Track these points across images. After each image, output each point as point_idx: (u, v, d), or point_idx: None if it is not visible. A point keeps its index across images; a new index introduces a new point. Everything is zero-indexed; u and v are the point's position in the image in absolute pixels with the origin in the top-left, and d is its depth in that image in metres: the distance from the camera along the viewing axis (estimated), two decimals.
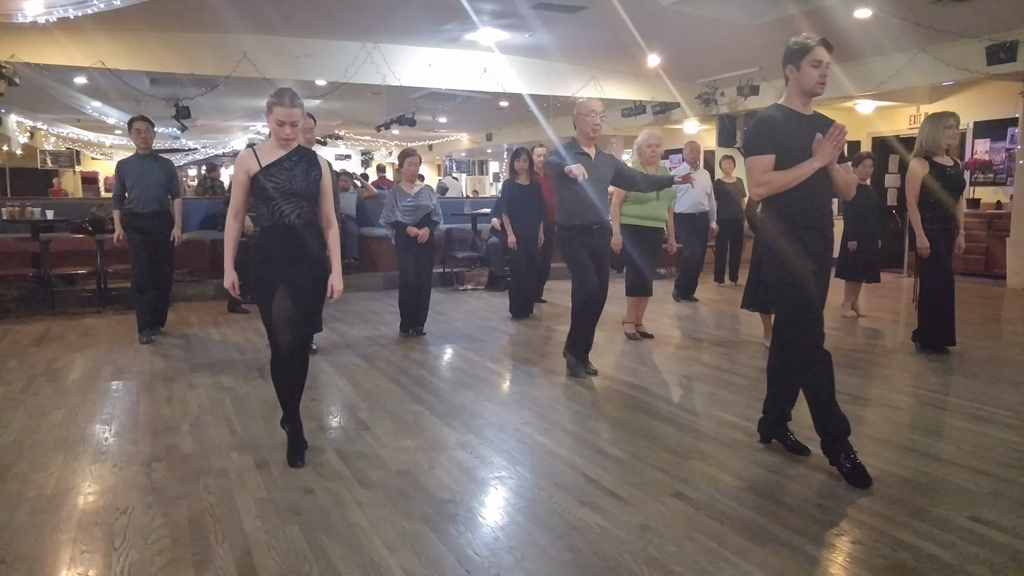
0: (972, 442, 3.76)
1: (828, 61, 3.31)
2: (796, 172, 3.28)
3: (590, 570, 2.51)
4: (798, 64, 3.32)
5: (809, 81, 3.31)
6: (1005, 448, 3.66)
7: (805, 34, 3.36)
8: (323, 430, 3.97)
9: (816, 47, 3.29)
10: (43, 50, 8.49)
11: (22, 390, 4.74)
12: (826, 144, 3.24)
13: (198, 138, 18.86)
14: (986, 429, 3.95)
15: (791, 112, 3.38)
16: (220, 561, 2.58)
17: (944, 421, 4.12)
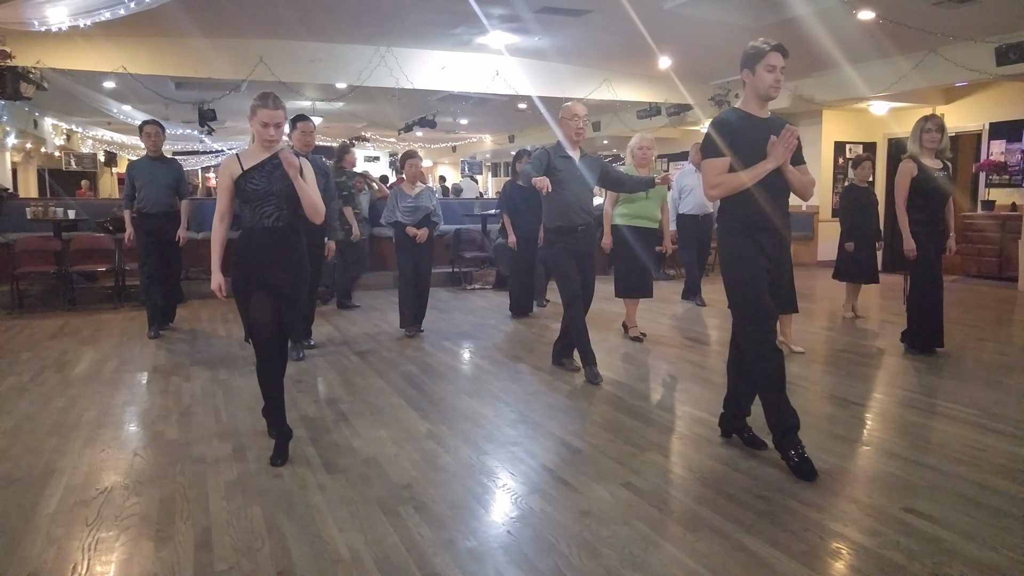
0: (929, 439, 3.83)
1: (783, 66, 3.39)
2: (749, 174, 3.37)
3: (523, 550, 2.65)
4: (753, 68, 3.40)
5: (763, 85, 3.38)
6: (960, 444, 3.72)
7: (762, 39, 3.43)
8: (303, 420, 4.16)
9: (771, 52, 3.37)
10: (66, 56, 8.86)
11: (30, 380, 5.02)
12: (778, 146, 3.34)
13: (226, 139, 19.31)
14: (948, 427, 4.01)
15: (747, 115, 3.46)
16: (180, 537, 2.77)
17: (908, 419, 4.18)
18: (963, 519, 2.87)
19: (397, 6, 8.57)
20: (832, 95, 11.36)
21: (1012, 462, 3.49)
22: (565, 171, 4.98)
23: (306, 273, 3.71)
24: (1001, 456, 3.57)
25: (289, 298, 3.59)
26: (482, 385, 4.89)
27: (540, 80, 11.23)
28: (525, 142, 20.51)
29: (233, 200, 3.61)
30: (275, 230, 3.56)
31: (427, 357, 5.72)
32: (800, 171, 3.54)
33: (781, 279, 3.58)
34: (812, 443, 3.69)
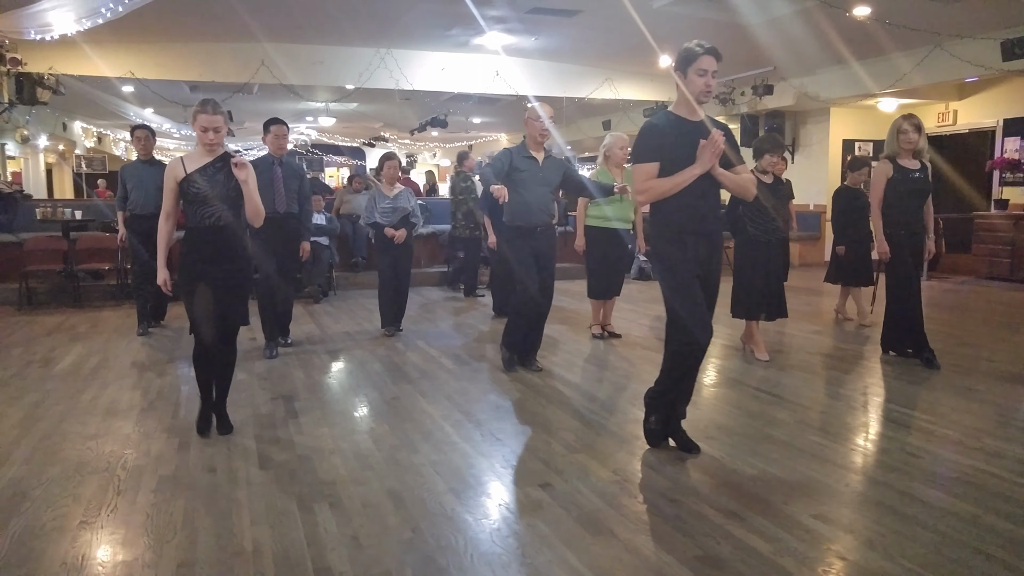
0: (870, 445, 3.80)
1: (715, 70, 3.37)
2: (676, 179, 3.35)
3: (421, 548, 2.72)
4: (685, 71, 3.38)
5: (694, 89, 3.36)
6: (900, 452, 3.68)
7: (696, 41, 3.39)
8: (255, 417, 4.28)
9: (703, 55, 3.33)
10: (77, 62, 9.16)
11: (13, 375, 5.23)
12: (704, 152, 3.31)
13: (246, 140, 19.70)
14: (894, 433, 3.97)
15: (677, 119, 3.44)
16: (100, 528, 2.89)
17: (855, 424, 4.14)
18: (872, 527, 2.86)
19: (392, 8, 8.69)
20: (838, 92, 11.20)
21: (949, 470, 3.45)
22: (527, 172, 5.04)
23: (248, 269, 3.89)
24: (938, 464, 3.52)
25: (231, 292, 3.78)
26: (439, 385, 4.96)
27: (541, 80, 11.26)
28: None
29: (178, 201, 3.76)
30: (215, 229, 3.73)
31: (396, 356, 5.80)
32: (737, 172, 3.52)
33: (711, 282, 3.53)
34: (748, 448, 3.71)
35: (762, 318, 5.71)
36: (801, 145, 12.86)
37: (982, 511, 2.97)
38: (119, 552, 2.71)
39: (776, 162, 5.64)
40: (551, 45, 10.21)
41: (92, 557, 2.67)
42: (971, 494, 3.14)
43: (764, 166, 5.62)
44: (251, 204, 3.79)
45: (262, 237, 5.71)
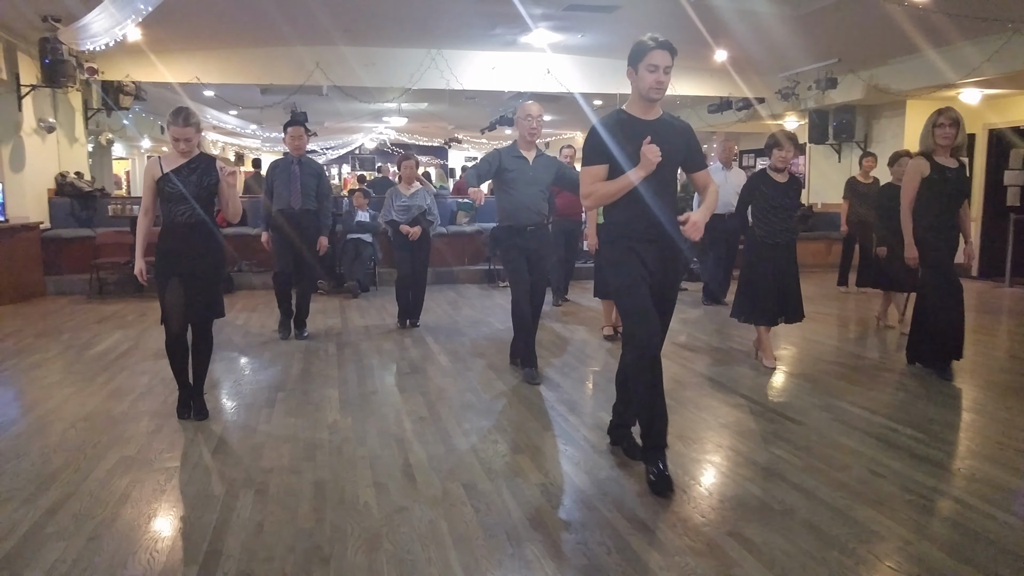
0: (833, 460, 3.57)
1: (668, 66, 3.18)
2: (618, 184, 3.18)
3: (315, 538, 2.79)
4: (636, 67, 3.21)
5: (644, 86, 3.18)
6: (862, 468, 3.45)
7: (649, 35, 3.21)
8: (237, 405, 4.49)
9: (653, 50, 3.15)
10: (148, 70, 9.79)
11: (50, 357, 5.70)
12: (645, 155, 3.10)
13: (326, 140, 20.47)
14: (868, 449, 3.71)
15: (629, 118, 3.26)
16: (40, 501, 3.12)
17: (831, 438, 3.89)
18: (784, 546, 2.71)
19: (435, 10, 8.81)
20: (912, 83, 10.45)
21: (902, 490, 3.21)
22: (516, 171, 5.01)
23: (219, 264, 4.10)
24: (895, 484, 3.28)
25: (202, 286, 3.99)
26: (423, 381, 5.03)
27: (592, 76, 11.13)
28: None
29: (155, 198, 4.00)
30: (188, 225, 3.95)
31: (397, 351, 5.91)
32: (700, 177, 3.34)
33: (664, 291, 3.32)
34: (701, 459, 3.58)
35: (779, 322, 5.44)
36: (874, 141, 12.12)
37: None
38: (46, 525, 2.91)
39: (784, 156, 5.33)
40: (599, 42, 10.06)
41: (20, 528, 2.88)
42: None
43: (775, 162, 5.33)
44: (232, 204, 4.08)
45: (280, 233, 6.00)
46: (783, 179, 5.32)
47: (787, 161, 5.29)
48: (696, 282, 9.96)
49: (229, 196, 4.06)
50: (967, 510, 3.01)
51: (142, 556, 2.68)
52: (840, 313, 7.83)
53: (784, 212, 5.29)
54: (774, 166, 5.34)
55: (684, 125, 3.38)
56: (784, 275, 5.32)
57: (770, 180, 5.28)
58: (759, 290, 5.31)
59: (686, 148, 3.33)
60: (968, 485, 3.28)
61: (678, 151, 3.29)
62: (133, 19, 6.09)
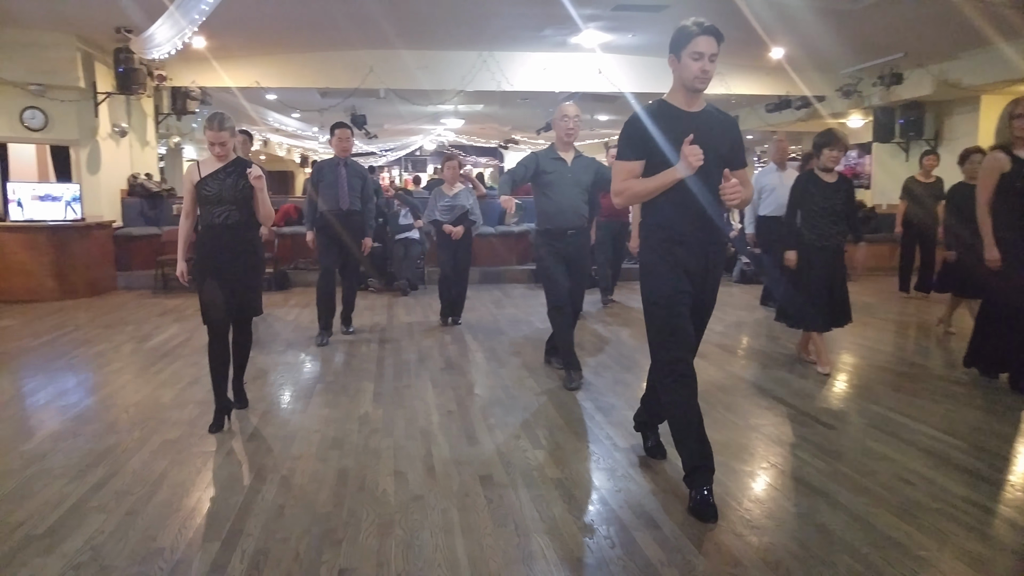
0: (864, 467, 3.49)
1: (713, 53, 2.93)
2: (654, 182, 2.95)
3: (330, 522, 2.90)
4: (679, 54, 2.96)
5: (688, 75, 2.93)
6: (890, 476, 3.36)
7: (693, 20, 2.96)
8: (276, 396, 4.67)
9: (699, 36, 2.90)
10: (212, 75, 10.22)
11: (111, 348, 6.03)
12: (686, 154, 2.85)
13: (386, 142, 20.89)
14: (900, 456, 3.61)
15: (670, 109, 3.01)
16: (88, 478, 3.34)
17: (870, 447, 3.78)
18: (792, 548, 2.69)
19: (485, 12, 8.93)
20: (986, 78, 9.99)
21: (930, 499, 3.12)
22: (555, 174, 4.90)
23: (255, 265, 4.21)
24: (923, 492, 3.19)
25: (238, 285, 4.11)
26: (456, 377, 5.12)
27: (644, 76, 11.06)
28: None
29: (195, 201, 4.17)
30: (224, 227, 4.07)
31: (436, 347, 6.02)
32: (741, 177, 3.03)
33: (702, 300, 3.12)
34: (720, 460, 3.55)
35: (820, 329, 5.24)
36: (945, 139, 11.65)
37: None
38: (86, 499, 3.12)
39: (837, 157, 5.17)
40: (650, 41, 10.00)
41: (67, 501, 3.10)
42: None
43: (825, 162, 5.13)
44: (263, 206, 4.15)
45: (326, 233, 6.16)
46: (832, 179, 5.12)
47: (837, 161, 5.10)
48: (747, 284, 9.81)
49: (260, 199, 4.12)
50: (998, 522, 2.91)
51: (171, 531, 2.84)
52: (899, 318, 7.57)
53: (834, 214, 5.08)
54: (824, 166, 5.13)
55: (729, 119, 3.15)
56: (833, 279, 5.14)
57: (819, 181, 5.11)
58: (810, 295, 5.13)
59: (730, 143, 3.07)
60: (1004, 496, 3.16)
61: (722, 146, 3.02)
62: (190, 28, 6.39)
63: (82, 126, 8.79)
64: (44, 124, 8.53)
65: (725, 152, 3.03)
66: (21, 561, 2.64)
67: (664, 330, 3.04)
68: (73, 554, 2.69)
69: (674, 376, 3.02)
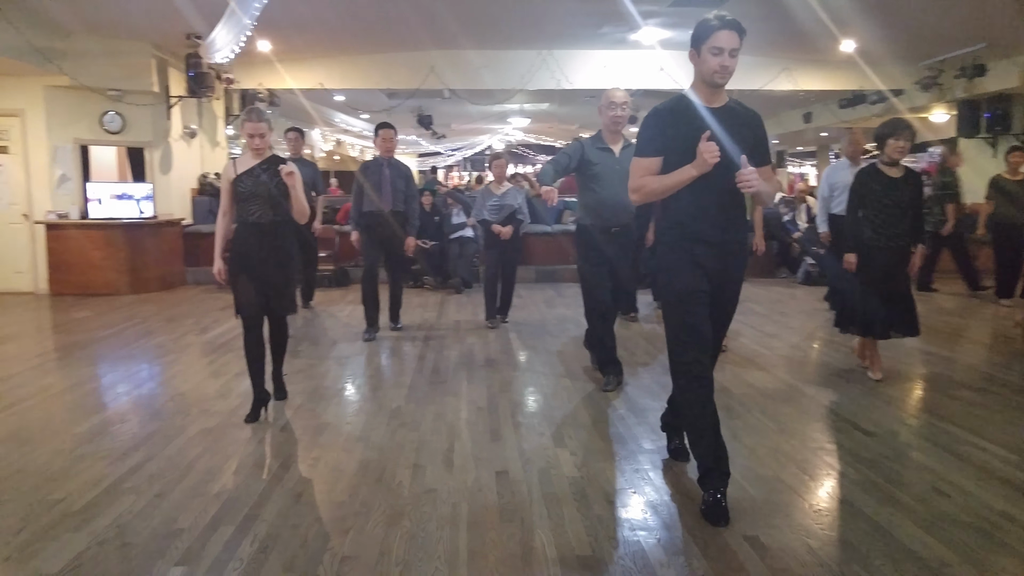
0: (900, 475, 3.32)
1: (734, 48, 2.84)
2: (670, 180, 2.90)
3: (342, 511, 2.97)
4: (699, 49, 2.89)
5: (707, 70, 2.86)
6: (924, 486, 3.19)
7: (715, 13, 2.88)
8: (318, 388, 4.80)
9: (719, 30, 2.82)
10: (277, 78, 10.57)
11: (171, 339, 6.33)
12: (702, 153, 2.79)
13: (454, 141, 21.14)
14: (949, 471, 3.42)
15: (690, 104, 2.94)
16: (129, 461, 3.52)
17: (909, 456, 3.61)
18: (800, 554, 2.59)
19: (542, 11, 8.93)
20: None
21: (962, 511, 2.94)
22: (601, 165, 4.61)
23: (286, 263, 4.27)
24: (957, 505, 3.01)
25: (272, 282, 4.20)
26: (492, 374, 5.14)
27: None
28: None
29: (232, 199, 4.28)
30: (258, 225, 4.16)
31: (479, 345, 6.05)
32: (762, 175, 2.92)
33: (723, 301, 3.05)
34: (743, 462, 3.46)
35: (891, 335, 4.92)
36: None
37: None
38: (126, 479, 3.28)
39: (902, 147, 4.81)
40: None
41: (104, 481, 3.27)
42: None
43: (889, 154, 4.74)
44: (297, 204, 4.20)
45: (370, 233, 6.25)
46: (897, 173, 4.77)
47: (903, 152, 4.73)
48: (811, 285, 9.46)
49: (293, 196, 4.16)
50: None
51: (192, 514, 2.96)
52: (980, 325, 7.13)
53: (898, 211, 4.74)
54: (888, 158, 4.77)
55: (751, 114, 3.06)
56: (896, 282, 4.83)
57: (881, 175, 4.77)
58: (867, 298, 4.85)
59: (752, 139, 2.98)
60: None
61: (744, 142, 2.93)
62: (244, 33, 6.62)
63: (156, 128, 9.24)
64: (122, 127, 9.02)
65: (747, 148, 2.94)
66: (53, 536, 2.80)
67: (680, 330, 2.98)
68: (100, 531, 2.83)
69: (689, 377, 2.96)
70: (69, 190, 8.94)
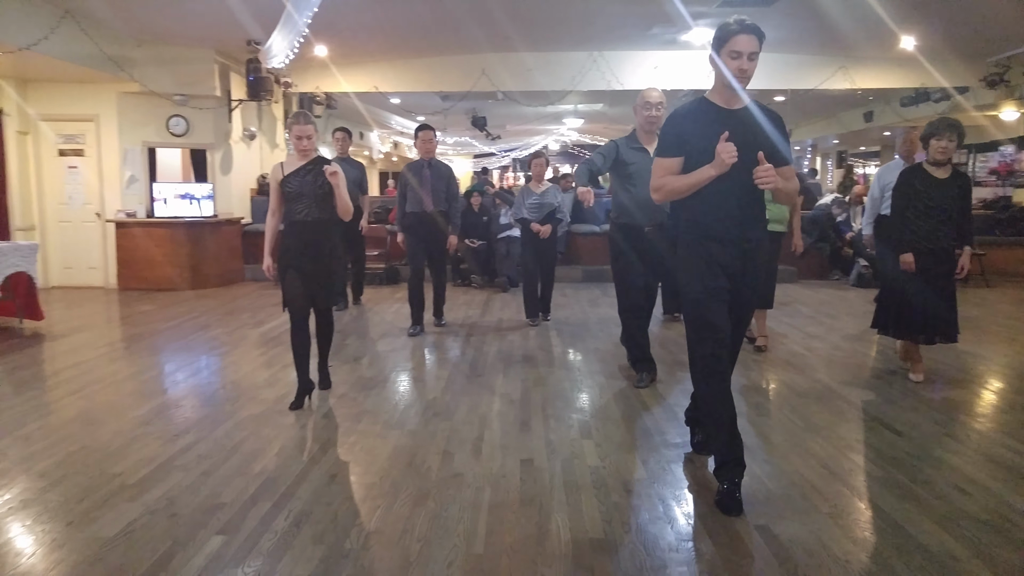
0: (925, 476, 3.32)
1: (753, 52, 2.90)
2: (690, 179, 2.99)
3: (372, 492, 3.14)
4: (718, 52, 2.96)
5: (726, 73, 2.93)
6: (947, 484, 3.17)
7: (735, 18, 2.96)
8: (360, 379, 5.00)
9: (738, 35, 2.89)
10: (333, 82, 10.92)
11: (226, 331, 6.65)
12: (719, 153, 2.87)
13: (510, 142, 21.33)
14: (974, 471, 3.39)
15: (709, 107, 3.04)
16: (182, 441, 3.77)
17: (936, 456, 3.58)
18: (810, 545, 2.64)
19: (591, 13, 9.00)
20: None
21: (981, 510, 2.93)
22: (636, 165, 4.67)
23: (332, 258, 4.48)
24: (977, 503, 3.00)
25: (317, 277, 4.41)
26: (528, 369, 5.25)
27: (762, 73, 10.56)
28: (804, 136, 19.33)
29: (280, 199, 4.51)
30: (305, 223, 4.38)
31: (519, 342, 6.18)
32: (782, 174, 2.99)
33: (741, 298, 3.10)
34: (764, 457, 3.50)
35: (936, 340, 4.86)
36: None
37: None
38: (174, 459, 3.53)
39: (944, 147, 4.74)
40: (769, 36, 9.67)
41: (158, 459, 3.52)
42: None
43: (933, 155, 4.69)
44: (341, 202, 4.41)
45: (413, 233, 6.41)
46: (943, 174, 4.70)
47: (948, 153, 4.67)
48: (864, 288, 9.27)
49: (337, 195, 4.37)
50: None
51: (234, 490, 3.17)
52: None
53: (942, 214, 4.67)
54: (933, 159, 4.72)
55: (773, 115, 3.10)
56: (938, 286, 4.75)
57: (926, 176, 4.71)
58: (907, 301, 4.81)
59: (772, 141, 3.02)
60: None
61: (763, 143, 2.98)
62: (298, 40, 6.91)
63: (217, 131, 9.67)
64: (186, 130, 9.48)
65: (767, 149, 2.99)
66: (111, 505, 3.05)
67: (697, 325, 3.05)
68: (152, 502, 3.07)
69: (707, 371, 3.03)
70: (137, 190, 9.45)
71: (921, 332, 4.85)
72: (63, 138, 9.38)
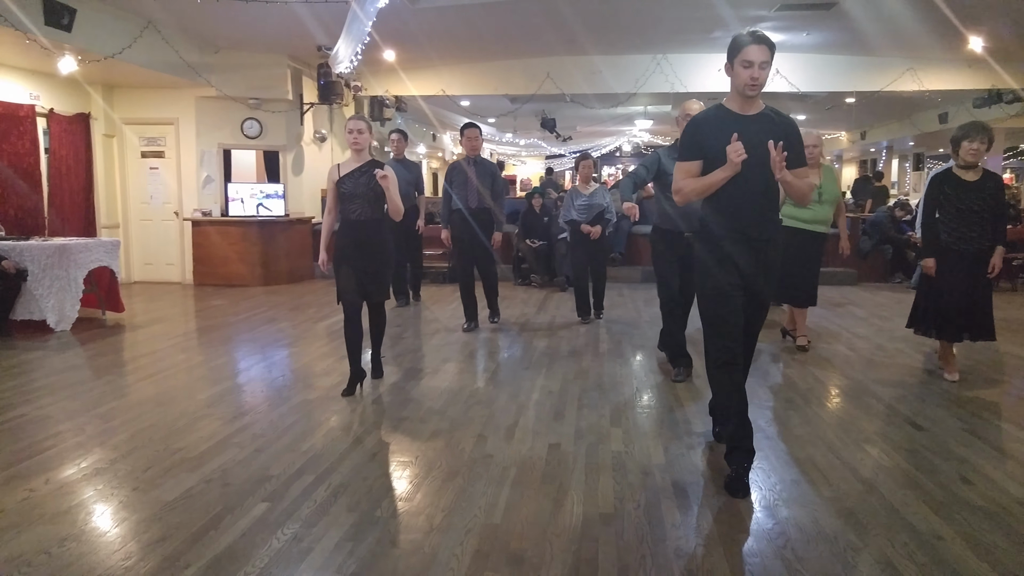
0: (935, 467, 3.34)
1: (764, 61, 3.08)
2: (705, 181, 3.14)
3: (403, 473, 3.37)
4: (732, 62, 3.15)
5: (739, 82, 3.12)
6: (954, 479, 3.18)
7: (748, 29, 3.14)
8: (407, 369, 5.27)
9: (749, 46, 3.06)
10: (401, 85, 11.31)
11: (288, 325, 7.05)
12: (729, 153, 3.02)
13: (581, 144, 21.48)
14: (984, 463, 3.39)
15: (726, 113, 3.20)
16: (239, 421, 4.11)
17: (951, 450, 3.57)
18: (810, 530, 2.72)
19: (653, 18, 9.09)
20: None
21: (986, 502, 2.95)
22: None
23: (384, 255, 4.70)
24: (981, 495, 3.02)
25: (369, 273, 4.66)
26: (572, 363, 5.41)
27: (825, 75, 10.56)
28: (878, 138, 18.89)
29: (336, 199, 4.79)
30: (358, 223, 4.65)
31: (568, 338, 6.33)
32: (796, 175, 3.11)
33: (755, 297, 3.23)
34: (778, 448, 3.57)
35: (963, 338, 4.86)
36: None
37: None
38: (233, 437, 3.85)
39: (975, 150, 4.70)
40: (826, 39, 9.55)
41: (214, 438, 3.85)
42: None
43: (964, 157, 4.70)
44: (392, 204, 4.65)
45: (459, 231, 6.58)
46: (974, 177, 4.72)
47: (978, 155, 4.68)
48: None
49: (388, 197, 4.59)
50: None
51: (282, 465, 3.47)
52: None
53: (975, 216, 4.69)
54: (963, 162, 4.73)
55: (786, 120, 3.25)
56: (973, 286, 4.75)
57: (956, 179, 4.73)
58: (943, 301, 4.81)
59: (785, 144, 3.09)
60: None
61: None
62: (360, 46, 7.26)
63: (289, 133, 10.19)
64: (260, 133, 10.02)
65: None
66: (172, 475, 3.38)
67: (712, 321, 3.22)
68: (208, 473, 3.38)
69: (719, 363, 3.20)
70: (212, 190, 10.05)
71: (953, 331, 4.85)
72: (145, 141, 10.08)
